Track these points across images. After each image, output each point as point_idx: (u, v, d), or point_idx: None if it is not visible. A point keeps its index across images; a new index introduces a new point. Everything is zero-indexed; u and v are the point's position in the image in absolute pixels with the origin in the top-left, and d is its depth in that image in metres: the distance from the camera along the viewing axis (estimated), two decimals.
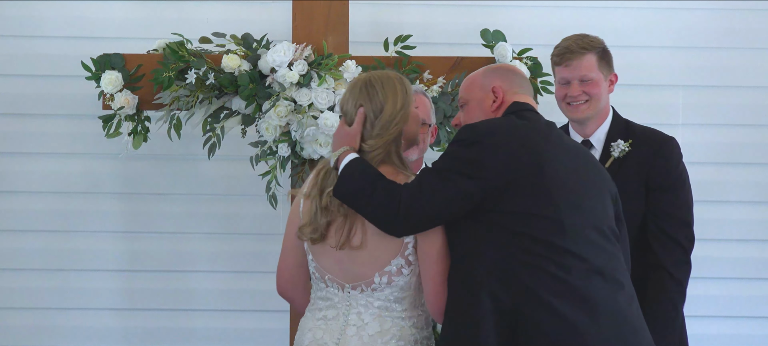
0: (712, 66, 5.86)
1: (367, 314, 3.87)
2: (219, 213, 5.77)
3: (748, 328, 5.87)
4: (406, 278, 3.86)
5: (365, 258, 3.86)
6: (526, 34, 5.67)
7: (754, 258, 5.87)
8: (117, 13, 5.74)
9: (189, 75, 5.16)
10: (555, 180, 3.75)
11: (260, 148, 5.23)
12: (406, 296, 3.88)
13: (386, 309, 3.87)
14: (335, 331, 3.89)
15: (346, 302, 3.90)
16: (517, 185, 3.71)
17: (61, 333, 5.77)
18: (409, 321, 3.88)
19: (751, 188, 5.87)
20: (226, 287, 5.79)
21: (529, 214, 3.70)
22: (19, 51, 5.73)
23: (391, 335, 3.85)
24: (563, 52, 4.75)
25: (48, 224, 5.75)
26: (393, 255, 3.84)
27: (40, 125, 5.74)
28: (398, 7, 5.78)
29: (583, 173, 3.84)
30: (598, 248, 3.76)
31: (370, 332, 3.85)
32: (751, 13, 5.84)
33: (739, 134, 5.85)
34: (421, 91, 4.92)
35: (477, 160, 3.73)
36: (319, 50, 5.25)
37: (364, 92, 3.91)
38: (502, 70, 4.10)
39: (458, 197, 3.72)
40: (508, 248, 3.70)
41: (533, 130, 3.84)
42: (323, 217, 3.88)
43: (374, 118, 3.88)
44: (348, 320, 3.89)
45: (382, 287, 3.85)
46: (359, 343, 3.85)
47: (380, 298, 3.86)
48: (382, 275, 3.85)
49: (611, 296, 3.72)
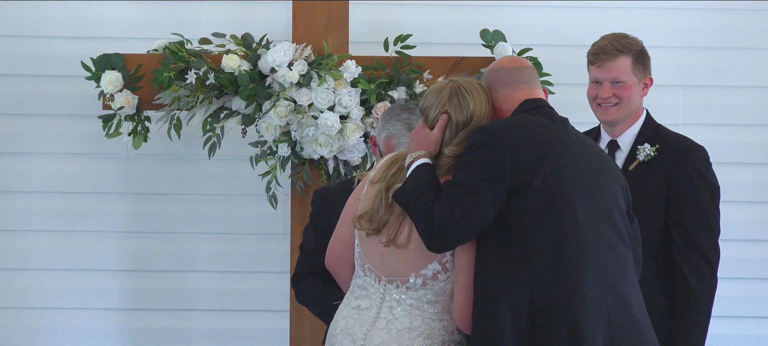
0: (712, 66, 5.86)
1: (399, 309, 3.86)
2: (219, 213, 5.77)
3: (748, 328, 5.86)
4: (442, 284, 3.85)
5: (405, 257, 3.85)
6: (526, 34, 5.67)
7: (754, 258, 5.87)
8: (117, 13, 5.74)
9: (189, 75, 5.16)
10: (568, 177, 3.71)
11: (260, 148, 5.23)
12: (440, 300, 3.86)
13: (418, 308, 3.85)
14: (366, 322, 3.88)
15: (381, 294, 3.90)
16: (532, 185, 3.68)
17: (61, 333, 5.77)
18: (440, 323, 3.87)
19: (751, 187, 5.87)
20: (227, 287, 5.79)
21: (543, 215, 3.67)
22: (19, 51, 5.73)
23: (419, 333, 3.84)
24: (598, 51, 4.67)
25: (48, 224, 5.75)
26: (430, 259, 3.82)
27: (40, 125, 5.74)
28: (398, 7, 5.78)
29: (595, 166, 3.80)
30: (610, 247, 3.73)
31: (399, 327, 3.84)
32: (751, 13, 5.84)
33: (739, 134, 5.85)
34: None
35: (496, 162, 3.68)
36: (319, 50, 5.25)
37: (454, 100, 3.86)
38: (493, 71, 3.97)
39: (490, 205, 3.67)
40: (521, 258, 3.68)
41: (545, 128, 3.78)
42: (385, 213, 3.88)
43: (460, 128, 3.86)
44: (380, 313, 3.88)
45: (417, 287, 3.85)
46: (387, 336, 3.84)
47: (414, 296, 3.85)
48: (417, 276, 3.84)
49: (622, 310, 3.72)
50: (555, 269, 3.67)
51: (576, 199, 3.70)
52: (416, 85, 5.28)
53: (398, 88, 5.26)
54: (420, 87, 5.28)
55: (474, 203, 3.66)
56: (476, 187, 3.67)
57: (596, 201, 3.74)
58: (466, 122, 3.84)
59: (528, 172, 3.68)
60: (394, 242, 3.85)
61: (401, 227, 3.85)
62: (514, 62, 3.99)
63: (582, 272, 3.67)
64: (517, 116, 3.84)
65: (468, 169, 3.72)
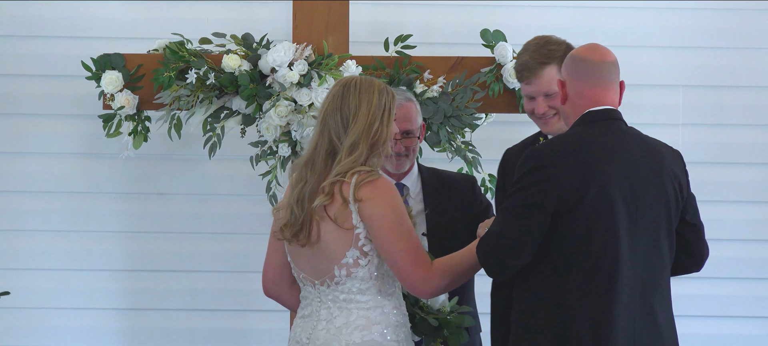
0: (712, 66, 5.86)
1: (335, 307, 3.94)
2: (219, 213, 5.77)
3: (747, 328, 5.86)
4: (365, 269, 3.91)
5: (324, 253, 3.93)
6: (527, 34, 5.61)
7: (754, 258, 5.87)
8: (117, 13, 5.74)
9: (189, 75, 5.16)
10: (614, 201, 3.68)
11: (260, 148, 5.23)
12: (369, 287, 3.93)
13: (351, 301, 3.93)
14: (308, 327, 3.99)
15: (318, 298, 3.99)
16: (576, 210, 3.67)
17: (61, 333, 5.77)
18: (375, 312, 3.93)
19: (751, 187, 5.87)
20: (227, 287, 5.79)
21: (583, 240, 3.67)
22: (19, 51, 5.73)
23: (355, 327, 3.91)
24: (521, 69, 4.52)
25: (48, 224, 5.75)
26: (347, 247, 3.89)
27: (40, 125, 5.74)
28: (398, 7, 5.78)
29: (645, 181, 3.75)
30: (647, 268, 3.73)
31: (337, 325, 3.92)
32: (751, 13, 5.84)
33: (739, 134, 5.85)
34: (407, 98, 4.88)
35: (541, 189, 3.68)
36: (320, 50, 5.25)
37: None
38: (574, 60, 3.86)
39: (535, 230, 3.68)
40: (557, 281, 3.70)
41: (599, 147, 3.73)
42: (300, 214, 3.96)
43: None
44: (319, 315, 3.98)
45: (344, 279, 3.91)
46: (327, 336, 3.93)
47: (344, 291, 3.93)
48: (340, 267, 3.91)
49: (650, 328, 3.74)
50: (588, 294, 3.67)
51: (619, 224, 3.69)
52: (416, 85, 5.28)
53: (398, 88, 5.26)
54: (420, 87, 5.27)
55: (519, 227, 3.68)
56: (522, 213, 3.69)
57: (639, 223, 3.72)
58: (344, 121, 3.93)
59: (573, 197, 3.68)
60: (309, 240, 3.92)
61: (311, 224, 3.92)
62: (597, 54, 3.86)
63: (613, 299, 3.68)
64: (571, 134, 3.80)
65: (515, 196, 3.73)
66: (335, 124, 3.92)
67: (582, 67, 3.83)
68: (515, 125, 5.52)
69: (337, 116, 3.92)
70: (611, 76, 3.84)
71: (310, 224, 3.92)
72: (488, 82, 5.31)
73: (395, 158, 4.73)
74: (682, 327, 5.56)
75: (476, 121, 5.33)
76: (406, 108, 4.74)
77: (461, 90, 5.26)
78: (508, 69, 5.28)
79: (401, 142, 4.74)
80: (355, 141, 3.89)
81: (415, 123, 4.78)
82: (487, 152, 5.36)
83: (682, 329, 5.55)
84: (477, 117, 5.34)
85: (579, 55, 3.86)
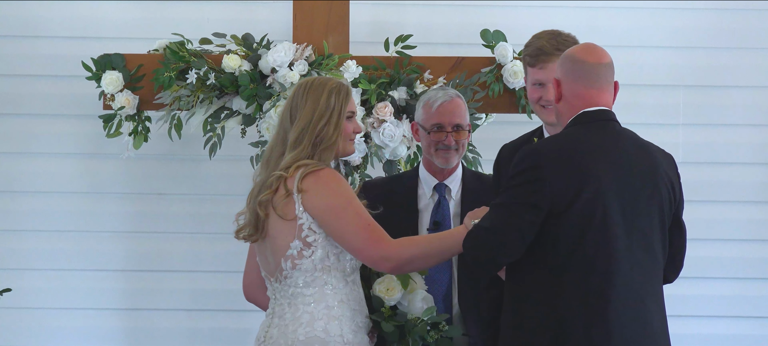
0: (712, 66, 5.86)
1: (285, 303, 4.00)
2: (219, 213, 5.77)
3: (748, 328, 5.86)
4: (308, 260, 3.96)
5: (272, 246, 3.99)
6: (527, 34, 5.60)
7: (754, 258, 5.87)
8: (117, 13, 5.74)
9: (189, 75, 5.17)
10: (608, 203, 3.67)
11: (260, 148, 5.24)
12: (315, 279, 3.97)
13: (298, 296, 3.97)
14: (265, 325, 4.06)
15: (274, 295, 4.05)
16: (569, 211, 3.66)
17: (62, 333, 5.77)
18: (319, 305, 3.96)
19: (751, 187, 5.87)
20: (227, 287, 5.79)
21: (577, 241, 3.67)
22: (19, 51, 5.73)
23: (299, 323, 3.95)
24: (537, 53, 4.50)
25: (49, 224, 5.75)
26: (291, 238, 3.94)
27: (40, 125, 5.74)
28: (398, 7, 5.78)
29: (640, 182, 3.74)
30: (641, 270, 3.71)
31: (286, 321, 3.97)
32: (751, 13, 5.84)
33: (739, 134, 5.85)
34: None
35: (535, 189, 3.68)
36: (320, 50, 5.25)
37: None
38: (571, 60, 3.86)
39: (526, 229, 3.68)
40: (551, 282, 3.69)
41: (594, 147, 3.72)
42: (251, 212, 4.06)
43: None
44: (274, 312, 4.04)
45: (290, 273, 3.96)
46: (278, 333, 3.97)
47: (291, 285, 3.98)
48: (286, 259, 3.96)
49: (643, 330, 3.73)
50: (583, 295, 3.67)
51: (614, 225, 3.68)
52: (417, 85, 5.28)
53: (399, 88, 5.26)
54: (420, 87, 5.28)
55: (510, 224, 3.68)
56: (514, 211, 3.69)
57: (634, 224, 3.71)
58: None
59: (567, 198, 3.67)
60: (261, 236, 4.01)
61: (260, 219, 4.00)
62: (594, 56, 3.85)
63: (608, 300, 3.67)
64: (566, 134, 3.80)
65: (509, 193, 3.73)
66: (285, 122, 4.03)
67: (579, 69, 3.83)
68: (515, 125, 5.51)
69: (287, 114, 4.03)
70: (607, 78, 3.85)
71: (259, 219, 3.99)
72: (488, 82, 5.31)
73: (443, 152, 4.67)
74: (682, 327, 5.60)
75: (476, 122, 5.34)
76: (454, 103, 4.69)
77: (461, 90, 5.26)
78: (508, 69, 5.28)
79: (452, 136, 4.67)
80: (298, 137, 3.97)
81: (463, 118, 4.71)
82: (487, 152, 5.36)
83: (682, 329, 5.59)
84: (477, 117, 5.34)
85: (576, 56, 3.85)
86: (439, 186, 4.73)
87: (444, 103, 4.68)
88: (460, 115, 4.70)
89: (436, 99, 4.70)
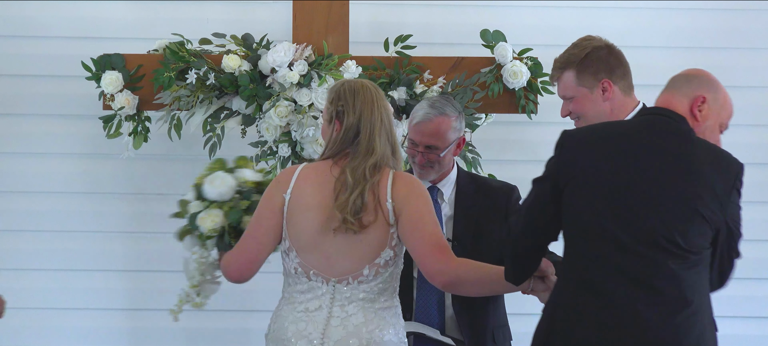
0: (712, 66, 5.83)
1: (351, 306, 3.95)
2: None
3: (748, 328, 5.87)
4: (391, 269, 3.96)
5: (358, 251, 3.93)
6: (526, 34, 5.67)
7: (754, 258, 5.86)
8: (117, 13, 5.74)
9: (189, 75, 5.17)
10: (619, 190, 3.64)
11: (260, 148, 5.24)
12: (388, 287, 3.97)
13: (370, 300, 3.95)
14: (320, 322, 3.98)
15: (330, 294, 3.98)
16: (581, 189, 3.64)
17: (62, 333, 5.77)
18: (390, 312, 3.97)
19: (752, 188, 5.85)
20: (229, 287, 5.77)
21: (580, 228, 3.66)
22: (19, 51, 5.73)
23: (375, 325, 3.93)
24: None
25: (49, 224, 5.75)
26: (383, 247, 3.92)
27: (40, 125, 5.74)
28: (398, 7, 5.78)
29: (656, 183, 3.68)
30: (646, 259, 3.69)
31: (355, 323, 3.94)
32: (751, 13, 5.84)
33: (740, 134, 5.84)
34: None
35: (552, 162, 3.70)
36: (320, 50, 5.26)
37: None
38: (681, 78, 4.05)
39: (531, 201, 3.71)
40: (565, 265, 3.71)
41: (620, 136, 3.71)
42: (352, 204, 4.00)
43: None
44: (332, 312, 3.98)
45: (370, 279, 3.94)
46: (344, 333, 3.93)
47: (365, 289, 3.95)
48: (371, 266, 3.93)
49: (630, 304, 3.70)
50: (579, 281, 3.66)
51: (612, 219, 3.63)
52: (416, 86, 5.29)
53: (398, 88, 5.27)
54: (420, 87, 5.28)
55: (525, 202, 3.75)
56: (532, 190, 3.73)
57: (641, 219, 3.64)
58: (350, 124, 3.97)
59: (572, 171, 3.65)
60: (362, 226, 3.91)
61: (366, 207, 3.92)
62: (691, 70, 4.08)
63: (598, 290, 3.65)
64: (609, 122, 3.93)
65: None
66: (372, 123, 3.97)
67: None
68: (515, 125, 5.52)
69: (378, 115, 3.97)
70: (683, 90, 4.00)
71: (366, 207, 3.90)
72: (488, 82, 5.32)
73: (417, 166, 4.59)
74: None
75: (476, 122, 5.34)
76: (433, 123, 4.54)
77: (461, 90, 5.26)
78: (507, 69, 5.29)
79: (424, 154, 4.57)
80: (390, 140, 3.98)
81: (440, 139, 4.55)
82: (486, 152, 5.37)
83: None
84: (477, 117, 5.34)
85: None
86: (431, 189, 4.64)
87: (422, 123, 4.54)
88: (437, 136, 4.54)
89: (417, 115, 4.58)
